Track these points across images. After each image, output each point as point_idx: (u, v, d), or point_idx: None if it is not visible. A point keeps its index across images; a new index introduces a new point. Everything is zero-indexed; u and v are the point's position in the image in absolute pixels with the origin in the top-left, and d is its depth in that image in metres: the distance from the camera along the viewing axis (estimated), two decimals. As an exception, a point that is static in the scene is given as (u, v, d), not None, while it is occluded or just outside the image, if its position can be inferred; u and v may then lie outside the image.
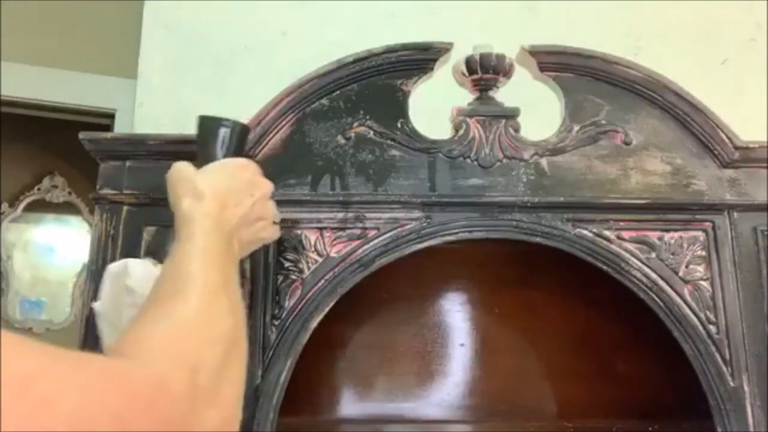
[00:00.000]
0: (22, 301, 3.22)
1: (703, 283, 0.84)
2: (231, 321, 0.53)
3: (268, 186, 0.71)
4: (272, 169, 0.85)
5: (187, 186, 0.61)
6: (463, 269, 1.09)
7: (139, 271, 0.71)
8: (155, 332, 0.46)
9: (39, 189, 3.25)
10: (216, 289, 0.53)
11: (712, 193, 0.87)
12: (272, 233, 0.73)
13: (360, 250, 0.83)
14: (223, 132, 0.71)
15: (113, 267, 0.74)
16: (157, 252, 0.80)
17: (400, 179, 0.86)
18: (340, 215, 0.84)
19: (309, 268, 0.82)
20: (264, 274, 0.82)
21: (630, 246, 0.85)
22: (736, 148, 0.87)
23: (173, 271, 0.54)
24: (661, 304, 0.83)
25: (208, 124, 0.72)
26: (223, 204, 0.62)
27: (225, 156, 0.71)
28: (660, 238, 0.85)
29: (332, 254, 0.83)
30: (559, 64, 0.89)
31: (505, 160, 0.87)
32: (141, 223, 0.83)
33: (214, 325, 0.50)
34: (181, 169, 0.64)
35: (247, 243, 0.67)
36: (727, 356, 0.81)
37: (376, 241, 0.83)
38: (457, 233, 0.84)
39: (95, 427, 0.35)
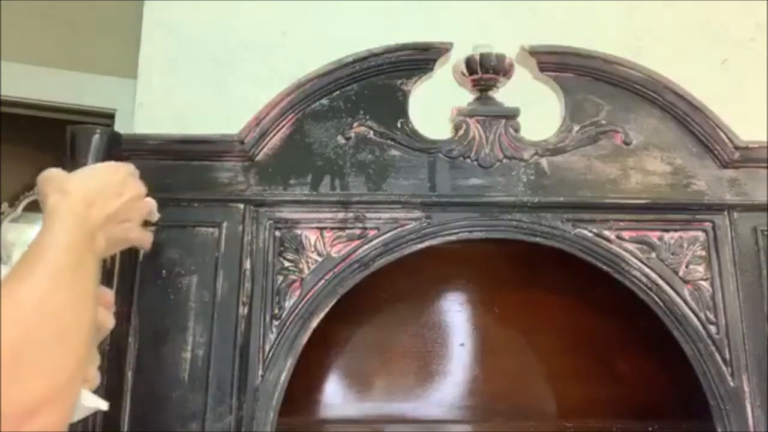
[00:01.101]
0: (21, 301, 3.21)
1: (703, 283, 0.84)
2: (66, 299, 0.56)
3: (139, 188, 0.71)
4: (272, 169, 0.85)
5: (54, 186, 0.63)
6: (463, 269, 1.09)
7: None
8: None
9: (39, 189, 3.25)
10: (60, 273, 0.56)
11: (712, 193, 0.87)
12: (141, 236, 0.73)
13: (360, 250, 0.83)
14: (95, 139, 0.74)
15: None
16: (156, 251, 0.81)
17: (400, 179, 0.86)
18: (340, 215, 0.84)
19: (309, 268, 0.82)
20: (264, 274, 0.82)
21: (630, 246, 0.85)
22: (736, 148, 0.87)
23: (26, 257, 0.57)
24: (661, 304, 0.83)
25: (79, 133, 0.76)
26: (89, 202, 0.63)
27: (96, 161, 0.73)
28: (660, 238, 0.85)
29: (332, 254, 0.83)
30: (559, 64, 0.89)
31: (505, 160, 0.87)
32: (141, 223, 0.82)
33: (48, 300, 0.54)
34: (51, 171, 0.66)
35: (115, 241, 0.68)
36: (727, 356, 0.81)
37: (376, 241, 0.83)
38: (457, 233, 0.84)
39: None
